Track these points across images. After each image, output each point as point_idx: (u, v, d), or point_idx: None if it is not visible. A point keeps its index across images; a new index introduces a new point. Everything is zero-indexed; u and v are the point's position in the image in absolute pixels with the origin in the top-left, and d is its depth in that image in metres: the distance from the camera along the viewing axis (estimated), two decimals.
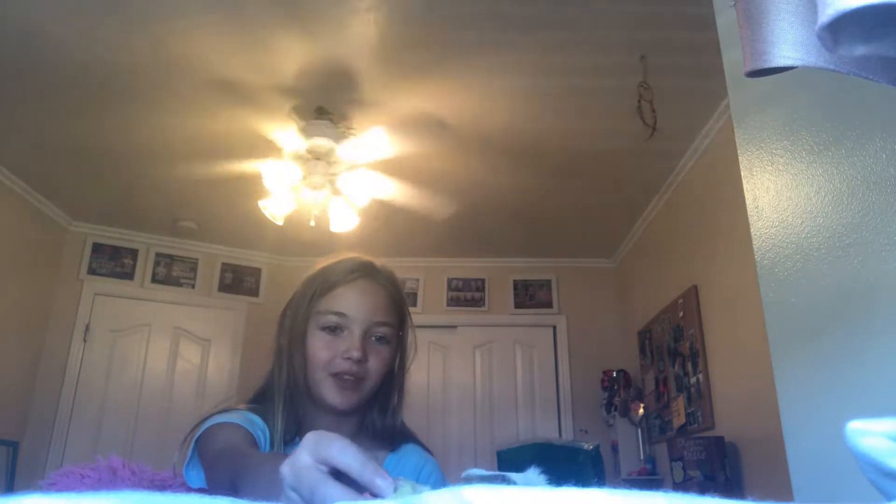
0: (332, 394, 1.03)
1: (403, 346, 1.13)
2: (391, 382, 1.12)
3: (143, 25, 2.73)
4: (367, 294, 1.07)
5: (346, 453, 0.47)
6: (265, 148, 3.47)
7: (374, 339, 1.06)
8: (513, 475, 0.50)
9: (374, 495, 0.45)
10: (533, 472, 0.51)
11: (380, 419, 1.10)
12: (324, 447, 0.48)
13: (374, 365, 1.05)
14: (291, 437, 1.02)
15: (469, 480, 0.48)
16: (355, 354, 1.02)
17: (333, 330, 1.05)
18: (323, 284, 1.07)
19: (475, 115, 3.34)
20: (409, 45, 2.84)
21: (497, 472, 0.50)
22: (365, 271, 1.09)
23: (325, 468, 0.48)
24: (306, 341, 1.05)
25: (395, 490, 0.45)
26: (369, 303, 1.06)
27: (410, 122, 3.39)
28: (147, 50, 2.88)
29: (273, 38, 2.82)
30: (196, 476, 0.97)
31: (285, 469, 0.49)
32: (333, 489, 0.45)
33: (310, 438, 0.49)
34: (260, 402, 1.08)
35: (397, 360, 1.12)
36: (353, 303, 1.05)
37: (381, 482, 0.45)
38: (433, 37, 2.78)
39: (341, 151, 3.32)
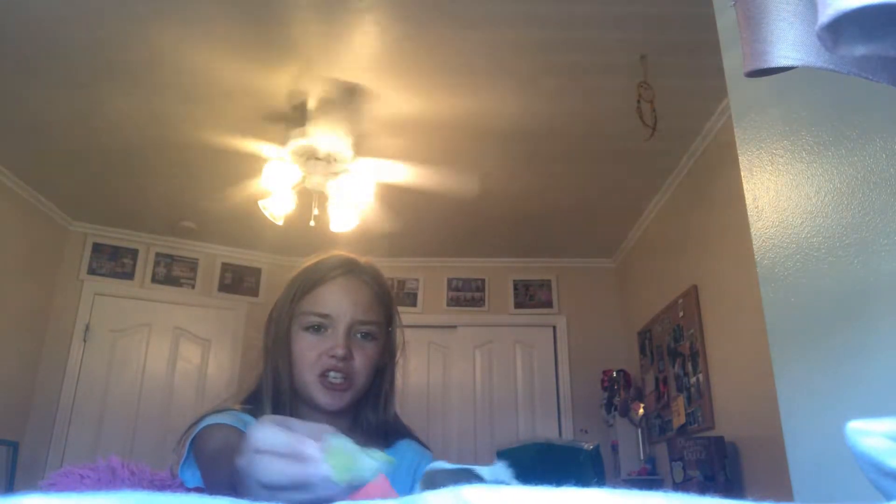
0: (320, 395, 1.02)
1: (392, 342, 1.12)
2: (382, 379, 1.10)
3: (143, 22, 2.73)
4: (349, 291, 1.05)
5: (268, 437, 0.48)
6: (266, 147, 3.47)
7: (359, 336, 1.04)
8: (479, 469, 0.50)
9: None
10: (500, 467, 0.51)
11: (373, 415, 1.09)
12: (251, 441, 0.49)
13: (360, 362, 1.03)
14: None
15: (433, 475, 0.49)
16: (339, 352, 1.00)
17: (317, 330, 1.03)
18: (305, 284, 1.06)
19: (474, 116, 3.34)
20: (408, 48, 2.84)
21: (462, 466, 0.50)
22: (347, 268, 1.07)
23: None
24: (291, 342, 1.04)
25: (325, 451, 0.46)
26: (352, 300, 1.04)
27: (410, 122, 3.39)
28: (147, 47, 2.88)
29: (283, 38, 2.82)
30: (191, 476, 0.96)
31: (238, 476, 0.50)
32: (262, 464, 0.47)
33: (243, 442, 0.50)
34: (253, 403, 1.07)
35: (387, 357, 1.11)
36: (335, 301, 1.04)
37: (306, 450, 0.46)
38: (432, 37, 2.78)
39: (341, 153, 3.33)
